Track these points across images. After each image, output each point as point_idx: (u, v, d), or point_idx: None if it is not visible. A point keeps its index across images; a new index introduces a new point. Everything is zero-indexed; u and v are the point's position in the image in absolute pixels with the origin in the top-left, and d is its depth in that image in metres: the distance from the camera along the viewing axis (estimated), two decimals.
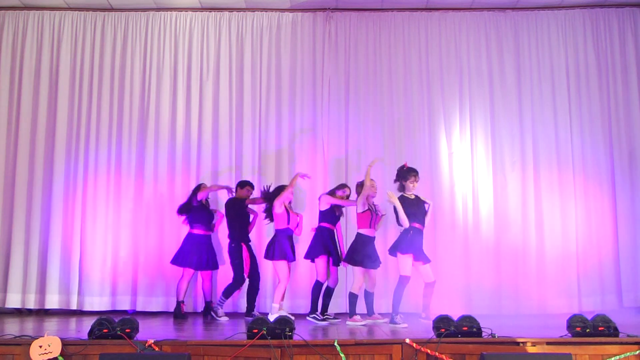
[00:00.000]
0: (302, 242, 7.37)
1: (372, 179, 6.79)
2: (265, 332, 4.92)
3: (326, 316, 6.78)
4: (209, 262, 7.37)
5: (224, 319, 6.98)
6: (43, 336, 4.97)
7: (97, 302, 7.75)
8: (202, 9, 8.38)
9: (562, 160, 8.02)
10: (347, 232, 7.48)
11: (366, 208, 6.73)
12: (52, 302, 7.77)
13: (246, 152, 8.12)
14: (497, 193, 8.00)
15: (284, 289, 6.92)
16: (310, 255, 6.95)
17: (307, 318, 6.68)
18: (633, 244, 7.83)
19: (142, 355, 4.74)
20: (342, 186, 7.20)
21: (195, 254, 7.27)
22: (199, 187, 7.44)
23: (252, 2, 8.23)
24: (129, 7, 8.31)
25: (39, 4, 8.28)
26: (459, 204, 7.94)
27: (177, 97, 8.20)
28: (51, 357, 4.83)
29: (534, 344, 4.97)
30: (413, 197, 6.76)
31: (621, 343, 4.96)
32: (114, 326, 5.03)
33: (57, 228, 7.89)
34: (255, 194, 7.62)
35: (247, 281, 7.30)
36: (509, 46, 8.28)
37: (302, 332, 5.18)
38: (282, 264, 6.85)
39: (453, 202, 7.90)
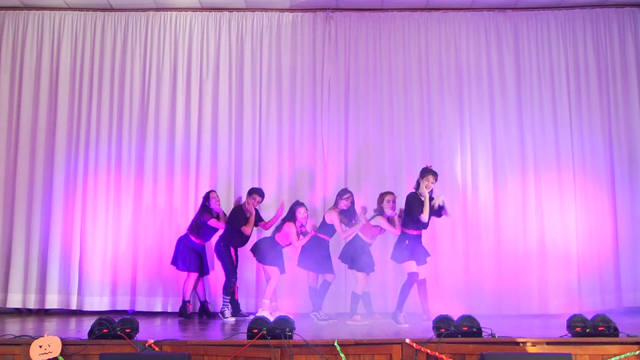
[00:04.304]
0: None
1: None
2: (265, 332, 4.92)
3: (322, 316, 6.81)
4: (210, 267, 7.57)
5: (231, 320, 6.98)
6: (43, 336, 4.98)
7: (97, 302, 7.76)
8: (202, 9, 8.38)
9: (562, 160, 8.02)
10: None
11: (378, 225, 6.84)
12: (52, 302, 7.77)
13: (246, 152, 8.11)
14: (497, 193, 8.00)
15: (274, 285, 6.98)
16: (304, 266, 7.00)
17: (310, 314, 6.76)
18: (633, 244, 7.83)
19: (142, 355, 4.75)
20: (344, 192, 7.08)
21: (197, 259, 7.35)
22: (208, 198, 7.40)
23: (252, 2, 8.23)
24: (129, 7, 8.31)
25: (39, 4, 8.28)
26: (459, 204, 7.94)
27: (177, 97, 8.19)
28: (51, 357, 4.84)
29: (534, 344, 4.97)
30: (423, 198, 6.71)
31: (621, 343, 4.96)
32: (114, 326, 5.04)
33: (57, 228, 7.90)
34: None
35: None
36: (509, 46, 8.28)
37: (302, 332, 5.18)
38: (273, 267, 6.98)
39: (453, 202, 7.88)
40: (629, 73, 8.17)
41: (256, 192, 7.30)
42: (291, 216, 7.02)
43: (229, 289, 7.17)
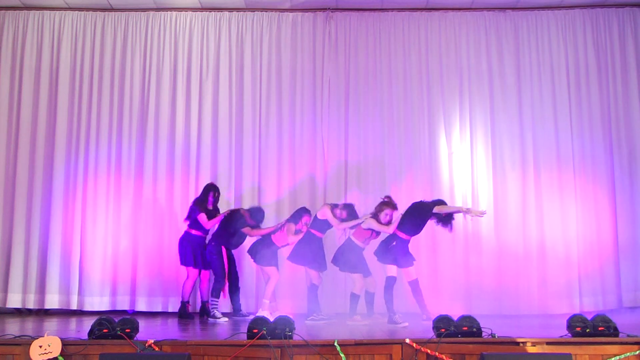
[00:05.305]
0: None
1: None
2: (265, 332, 4.92)
3: (321, 316, 6.81)
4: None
5: (223, 319, 6.97)
6: (43, 336, 4.97)
7: (97, 302, 7.76)
8: (202, 9, 8.38)
9: (562, 160, 8.02)
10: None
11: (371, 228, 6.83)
12: (52, 302, 7.77)
13: (246, 152, 8.12)
14: (497, 193, 8.00)
15: (274, 285, 6.99)
16: (296, 260, 7.00)
17: (306, 322, 6.68)
18: (633, 244, 7.83)
19: (142, 355, 4.74)
20: (347, 207, 7.06)
21: (197, 254, 7.31)
22: (209, 190, 7.40)
23: (252, 2, 8.23)
24: (129, 7, 8.31)
25: (39, 4, 8.28)
26: (459, 204, 7.92)
27: (177, 97, 8.19)
28: (51, 357, 4.83)
29: (534, 344, 4.96)
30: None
31: (621, 343, 4.95)
32: (114, 326, 5.03)
33: (57, 228, 7.89)
34: None
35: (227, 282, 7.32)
36: (509, 46, 8.28)
37: (302, 332, 5.18)
38: (271, 267, 7.00)
39: (453, 202, 7.85)
40: (629, 73, 8.17)
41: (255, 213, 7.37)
42: (294, 219, 7.05)
43: (218, 291, 7.14)
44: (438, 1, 8.21)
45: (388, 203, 6.86)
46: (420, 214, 6.72)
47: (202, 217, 7.27)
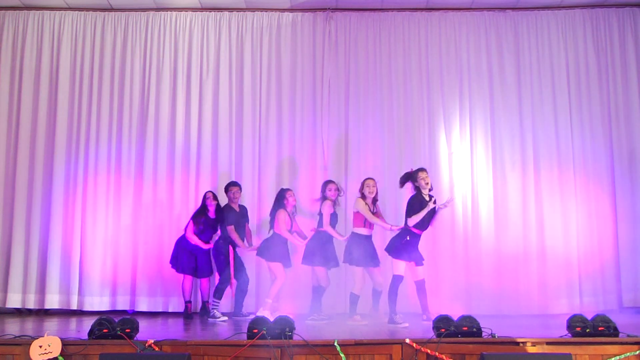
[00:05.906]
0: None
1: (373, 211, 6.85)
2: (265, 332, 4.92)
3: (322, 316, 6.80)
4: (208, 270, 7.45)
5: (223, 319, 6.97)
6: (43, 336, 4.98)
7: (97, 302, 7.76)
8: (202, 9, 8.38)
9: (562, 160, 8.02)
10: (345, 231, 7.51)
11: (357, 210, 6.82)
12: (52, 302, 7.77)
13: (246, 152, 8.11)
14: (497, 193, 8.00)
15: (280, 286, 6.96)
16: (309, 262, 6.97)
17: (307, 322, 6.67)
18: (633, 244, 7.83)
19: (142, 355, 4.75)
20: (328, 183, 7.12)
21: (189, 261, 7.32)
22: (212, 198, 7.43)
23: (252, 2, 8.23)
24: (129, 7, 8.31)
25: (39, 4, 8.28)
26: (458, 204, 7.94)
27: (177, 97, 8.20)
28: (51, 357, 4.84)
29: (534, 344, 4.97)
30: (427, 197, 6.73)
31: (621, 343, 4.96)
32: (114, 326, 5.04)
33: (57, 228, 7.89)
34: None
35: (235, 283, 7.31)
36: (509, 46, 8.28)
37: (302, 332, 5.18)
38: (277, 265, 6.95)
39: (452, 202, 7.88)
40: (629, 73, 8.17)
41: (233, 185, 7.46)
42: (281, 203, 7.04)
43: (221, 292, 7.14)
44: (438, 1, 8.22)
45: (365, 180, 6.90)
46: (421, 205, 6.69)
47: (189, 229, 7.31)
